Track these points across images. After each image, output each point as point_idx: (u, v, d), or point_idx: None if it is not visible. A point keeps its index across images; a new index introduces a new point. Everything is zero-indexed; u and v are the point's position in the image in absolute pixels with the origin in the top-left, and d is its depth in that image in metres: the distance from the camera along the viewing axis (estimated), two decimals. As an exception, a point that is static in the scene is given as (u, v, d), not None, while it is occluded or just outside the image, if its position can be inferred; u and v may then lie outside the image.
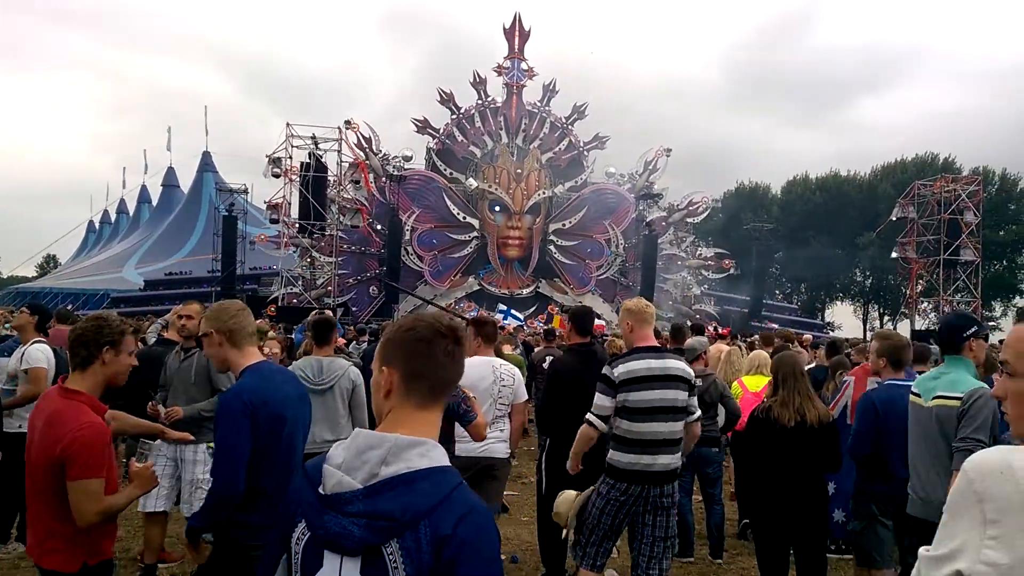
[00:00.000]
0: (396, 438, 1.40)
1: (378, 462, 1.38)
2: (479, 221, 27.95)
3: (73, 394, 2.78)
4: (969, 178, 31.43)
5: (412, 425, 1.47)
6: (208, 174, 47.09)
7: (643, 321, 4.20)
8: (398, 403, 1.51)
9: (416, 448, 1.40)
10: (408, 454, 1.39)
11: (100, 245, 61.03)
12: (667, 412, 4.04)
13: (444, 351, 1.54)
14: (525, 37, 28.82)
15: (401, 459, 1.38)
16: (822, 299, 54.22)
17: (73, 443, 2.63)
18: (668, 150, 29.69)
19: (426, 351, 1.53)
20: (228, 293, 26.20)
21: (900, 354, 4.47)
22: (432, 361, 1.53)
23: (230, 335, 2.94)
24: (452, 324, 1.59)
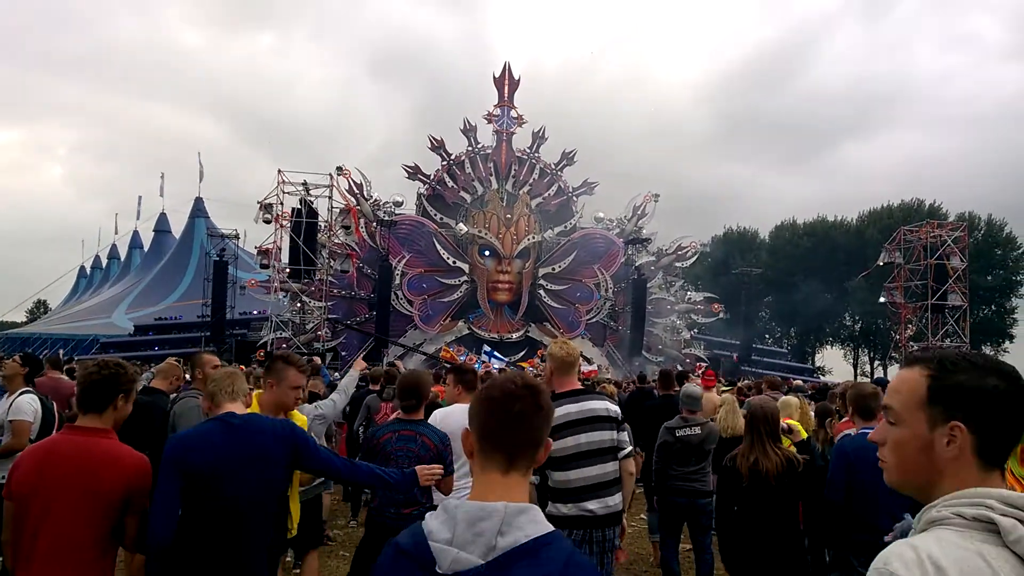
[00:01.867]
0: (505, 506, 1.36)
1: (493, 533, 1.33)
2: (469, 266, 28.08)
3: (107, 433, 2.87)
4: (954, 224, 31.86)
5: (505, 490, 1.43)
6: (200, 219, 47.30)
7: (565, 366, 4.14)
8: (482, 466, 1.48)
9: (526, 515, 1.36)
10: (520, 521, 1.35)
11: (91, 290, 60.84)
12: (594, 455, 3.98)
13: (517, 412, 1.48)
14: (514, 85, 29.36)
15: (516, 528, 1.34)
16: (812, 343, 54.33)
17: (141, 476, 2.78)
18: (656, 195, 30.04)
19: (499, 411, 1.49)
20: (217, 338, 26.12)
21: (866, 402, 4.47)
22: (507, 422, 1.48)
23: (211, 397, 3.19)
24: (528, 383, 1.54)
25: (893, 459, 1.33)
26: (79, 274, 65.19)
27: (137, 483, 2.77)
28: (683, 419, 6.06)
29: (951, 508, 1.19)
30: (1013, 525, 1.12)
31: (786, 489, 4.27)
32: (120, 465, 2.77)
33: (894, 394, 1.35)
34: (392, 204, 27.39)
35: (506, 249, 27.86)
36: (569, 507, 3.95)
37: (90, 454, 2.77)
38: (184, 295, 43.00)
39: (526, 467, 1.48)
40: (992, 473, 1.26)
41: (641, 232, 29.72)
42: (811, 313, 47.92)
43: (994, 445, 1.26)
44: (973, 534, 1.15)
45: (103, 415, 2.90)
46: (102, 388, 2.91)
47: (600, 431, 4.02)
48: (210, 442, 2.96)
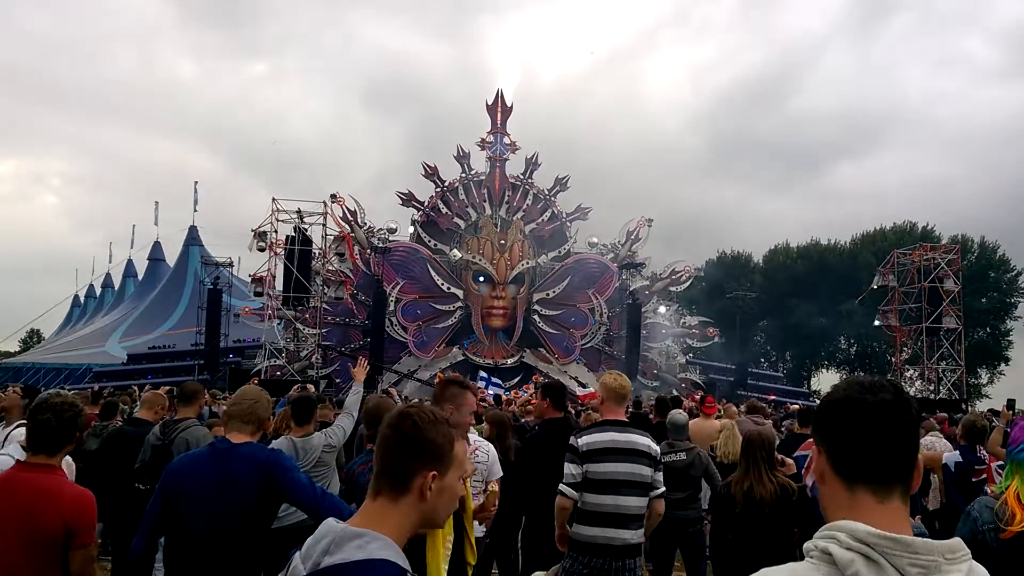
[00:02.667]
0: (343, 528, 1.44)
1: (322, 552, 1.42)
2: (463, 291, 28.08)
3: (52, 469, 2.84)
4: (947, 247, 31.98)
5: (367, 515, 1.51)
6: (194, 247, 47.33)
7: (616, 397, 4.28)
8: (368, 493, 1.55)
9: (358, 540, 1.42)
10: (348, 545, 1.41)
11: (84, 319, 60.62)
12: (630, 486, 4.04)
13: (380, 437, 1.58)
14: (507, 112, 29.60)
15: (342, 550, 1.40)
16: (808, 367, 54.27)
17: (79, 511, 2.75)
18: (650, 220, 30.18)
19: (377, 438, 1.61)
20: (212, 366, 26.01)
21: None
22: (377, 448, 1.59)
23: (227, 416, 3.32)
24: (403, 411, 1.60)
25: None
26: (73, 303, 64.98)
27: (75, 519, 2.73)
28: (669, 445, 6.00)
29: (814, 540, 1.18)
30: (851, 560, 1.11)
31: (780, 516, 4.24)
32: (56, 502, 2.74)
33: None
34: (386, 231, 27.45)
35: (500, 275, 27.89)
36: (595, 531, 3.99)
37: (28, 492, 2.76)
38: (178, 323, 42.87)
39: (391, 495, 1.52)
40: (856, 490, 1.21)
41: (635, 257, 29.81)
42: (806, 336, 47.95)
43: (844, 457, 1.23)
44: (822, 567, 1.14)
45: (60, 453, 2.91)
46: (60, 432, 2.89)
47: (639, 464, 4.09)
48: (191, 467, 3.06)
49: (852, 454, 1.22)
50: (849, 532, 1.14)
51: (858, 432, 1.22)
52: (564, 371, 27.43)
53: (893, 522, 1.17)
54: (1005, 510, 2.36)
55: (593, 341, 29.33)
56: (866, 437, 1.21)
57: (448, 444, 1.58)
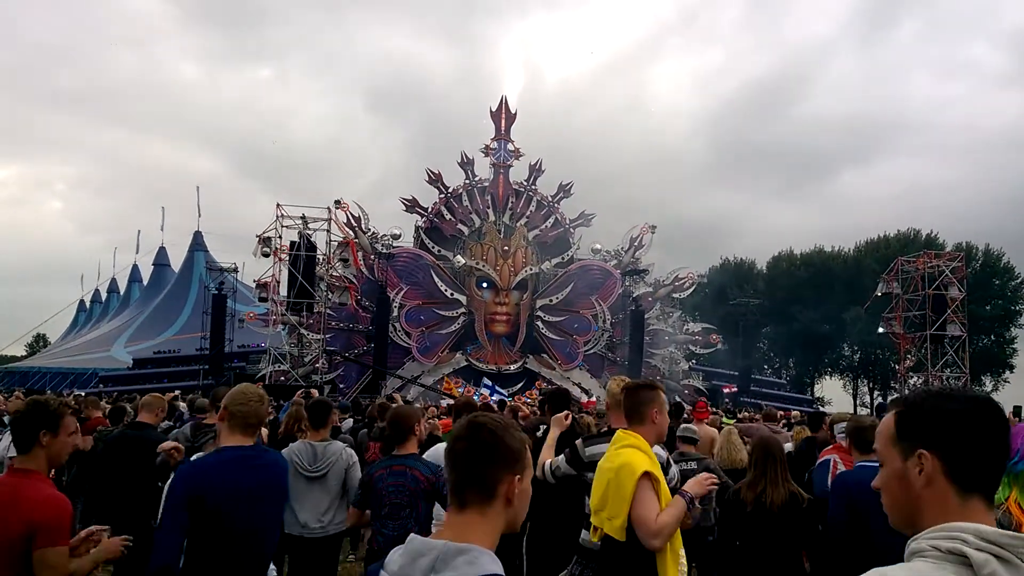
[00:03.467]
0: (445, 545, 1.41)
1: (427, 570, 1.38)
2: (467, 297, 28.15)
3: (25, 472, 2.84)
4: (952, 254, 31.95)
5: (459, 529, 1.48)
6: (199, 253, 47.49)
7: (621, 404, 4.20)
8: (451, 505, 1.54)
9: (464, 555, 1.39)
10: (457, 561, 1.38)
11: (90, 324, 60.81)
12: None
13: (458, 451, 1.55)
14: (511, 119, 29.70)
15: (451, 567, 1.38)
16: (811, 374, 54.14)
17: (40, 514, 2.69)
18: (653, 227, 30.25)
19: (448, 453, 1.56)
20: (216, 371, 26.09)
21: (864, 435, 4.35)
22: (451, 462, 1.55)
23: (230, 417, 3.16)
24: (473, 421, 1.59)
25: (885, 500, 1.40)
26: (79, 308, 65.28)
27: (40, 521, 2.71)
28: (680, 454, 6.02)
29: (929, 541, 1.23)
30: (986, 560, 1.15)
31: (789, 523, 4.19)
32: (25, 505, 2.73)
33: (877, 438, 1.45)
34: (390, 237, 27.55)
35: (503, 281, 27.95)
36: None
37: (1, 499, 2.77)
38: (183, 328, 42.99)
39: (480, 504, 1.51)
40: (971, 498, 1.28)
41: (638, 263, 29.85)
42: (810, 343, 47.84)
43: (965, 467, 1.28)
44: (947, 566, 1.18)
45: (30, 454, 2.89)
46: (21, 427, 2.91)
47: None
48: (227, 480, 3.02)
49: (974, 463, 1.29)
50: (976, 533, 1.18)
51: (984, 443, 1.29)
52: (567, 377, 27.48)
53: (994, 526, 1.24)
54: (1010, 519, 2.41)
55: (596, 347, 29.36)
56: (991, 448, 1.29)
57: (524, 447, 1.59)
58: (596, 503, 3.32)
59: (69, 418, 3.03)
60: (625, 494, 3.13)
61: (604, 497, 3.24)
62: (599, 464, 3.50)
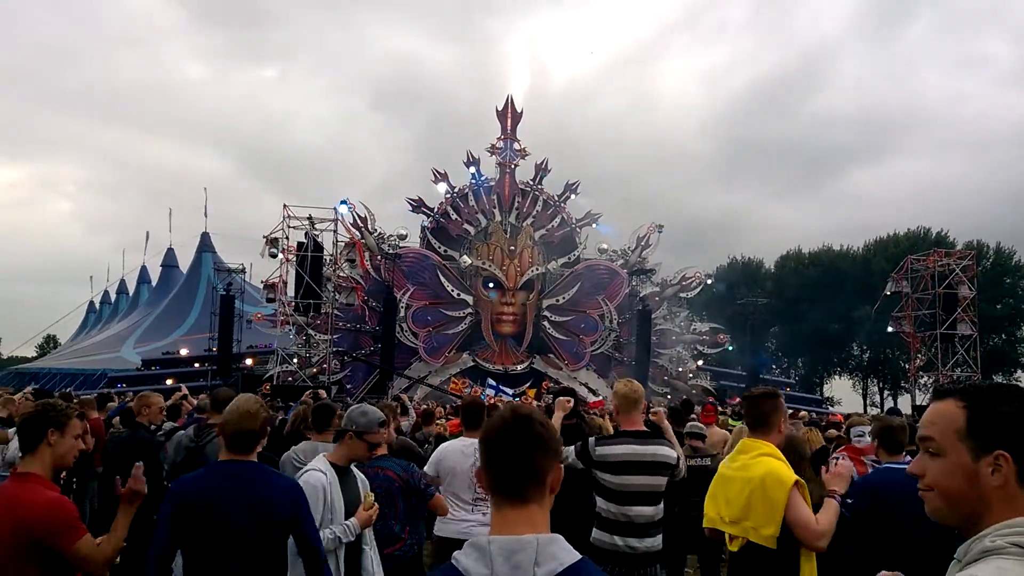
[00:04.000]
0: (536, 538, 1.41)
1: (531, 564, 1.38)
2: (473, 298, 28.13)
3: (24, 477, 2.84)
4: (962, 252, 31.74)
5: (529, 522, 1.46)
6: (207, 254, 47.64)
7: (631, 404, 4.25)
8: (497, 504, 1.52)
9: (556, 544, 1.41)
10: (553, 550, 1.40)
11: (99, 325, 61.13)
12: (643, 498, 4.06)
13: (509, 445, 1.52)
14: (517, 118, 29.68)
15: (550, 557, 1.39)
16: (820, 373, 53.92)
17: (46, 518, 2.70)
18: (660, 226, 30.11)
19: (496, 448, 1.54)
20: (224, 371, 26.15)
21: (895, 436, 4.18)
22: (506, 458, 1.53)
23: (222, 432, 3.17)
24: (518, 413, 1.58)
25: (937, 490, 1.38)
26: (88, 309, 65.60)
27: (49, 524, 2.72)
28: (693, 449, 6.02)
29: (1007, 538, 1.22)
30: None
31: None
32: (26, 512, 2.72)
33: (931, 426, 1.41)
34: (396, 237, 27.57)
35: (510, 281, 27.93)
36: (615, 539, 4.03)
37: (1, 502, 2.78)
38: (191, 329, 43.17)
39: (539, 497, 1.51)
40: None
41: (645, 263, 29.74)
42: (818, 343, 47.64)
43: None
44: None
45: (36, 455, 2.89)
46: (28, 427, 2.91)
47: (659, 476, 4.14)
48: (218, 492, 3.06)
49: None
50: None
51: None
52: (574, 377, 27.42)
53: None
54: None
55: (603, 347, 29.30)
56: None
57: (558, 435, 1.61)
58: (736, 513, 3.30)
59: (76, 420, 3.03)
60: (776, 503, 3.16)
61: (747, 507, 3.24)
62: (728, 473, 3.46)
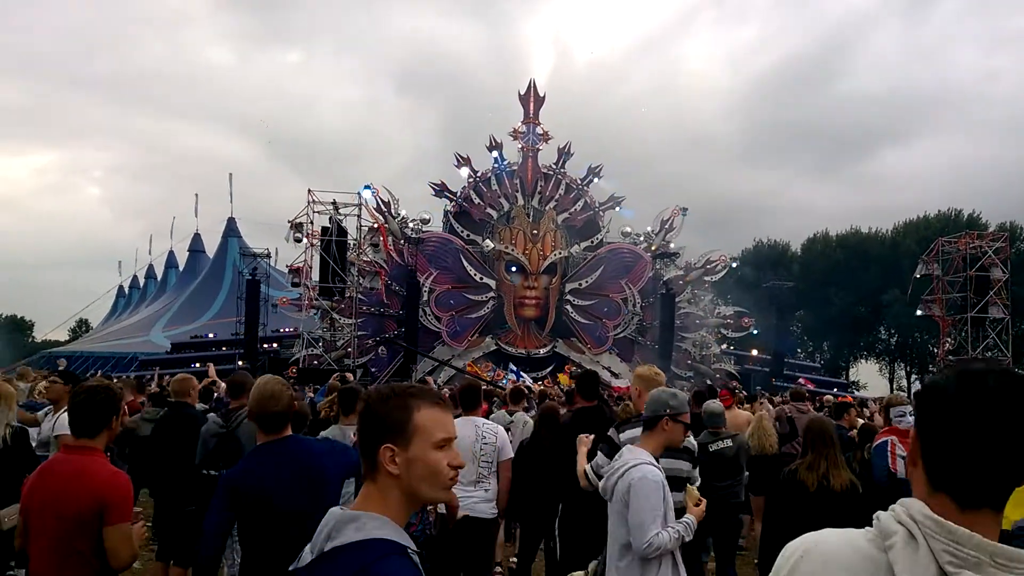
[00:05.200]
0: (341, 513, 1.49)
1: (325, 537, 1.47)
2: (496, 282, 28.14)
3: (92, 451, 2.95)
4: (995, 234, 31.11)
5: (361, 500, 1.54)
6: (233, 239, 48.16)
7: (652, 388, 4.14)
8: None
9: (354, 523, 1.46)
10: (346, 529, 1.45)
11: (129, 310, 62.20)
12: (672, 482, 3.93)
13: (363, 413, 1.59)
14: (540, 102, 29.50)
15: (341, 534, 1.45)
16: (846, 357, 53.32)
17: (111, 490, 2.83)
18: (684, 209, 29.86)
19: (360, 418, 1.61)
20: (251, 355, 26.52)
21: None
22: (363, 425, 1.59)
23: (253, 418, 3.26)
24: (380, 388, 1.64)
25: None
26: (117, 294, 66.78)
27: (108, 498, 2.83)
28: (713, 434, 6.01)
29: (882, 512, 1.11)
30: (894, 530, 1.05)
31: (848, 509, 4.12)
32: (89, 482, 2.84)
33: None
34: (419, 221, 27.64)
35: (533, 265, 27.90)
36: None
37: (64, 474, 2.89)
38: (219, 313, 43.77)
39: (370, 475, 1.54)
40: (938, 496, 1.08)
41: (669, 246, 29.53)
42: (845, 326, 47.07)
43: (937, 460, 1.09)
44: (870, 533, 1.10)
45: (99, 436, 3.00)
46: (102, 410, 2.99)
47: (681, 460, 4.10)
48: (267, 472, 3.14)
49: (948, 461, 1.10)
50: (909, 508, 1.08)
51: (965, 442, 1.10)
52: (597, 361, 27.40)
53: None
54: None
55: (626, 331, 29.20)
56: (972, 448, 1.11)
57: (407, 415, 1.53)
58: None
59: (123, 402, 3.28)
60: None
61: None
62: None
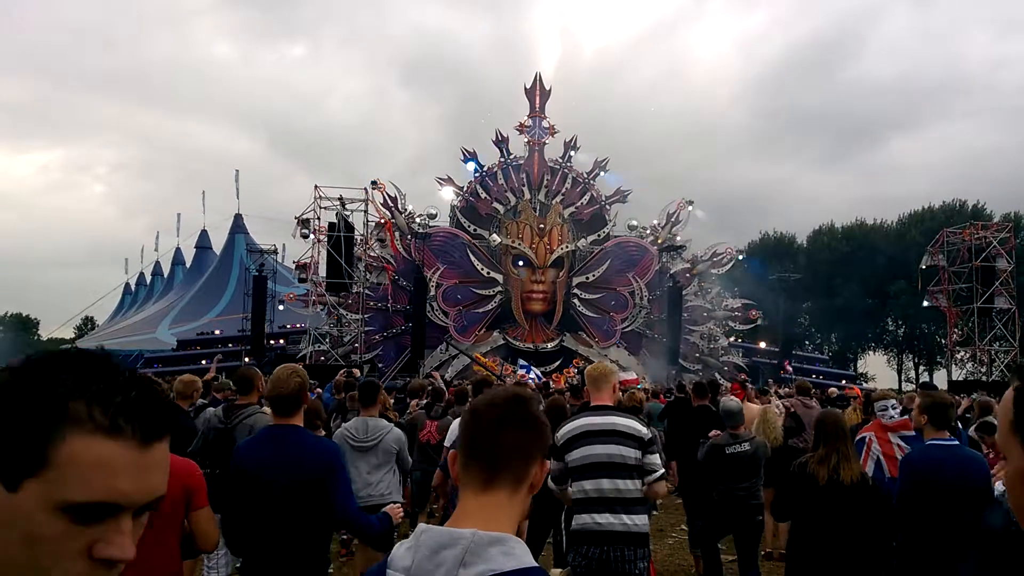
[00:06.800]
0: (474, 534, 1.22)
1: (456, 564, 1.19)
2: (503, 276, 28.15)
3: None
4: (999, 224, 31.06)
5: (482, 513, 1.30)
6: (239, 235, 48.23)
7: (596, 382, 4.33)
8: (462, 486, 1.36)
9: (499, 546, 1.22)
10: (490, 553, 1.21)
11: (135, 306, 62.33)
12: (611, 468, 3.99)
13: (497, 419, 1.36)
14: (546, 96, 29.44)
15: (483, 559, 1.20)
16: (854, 349, 53.26)
17: (193, 477, 2.96)
18: (690, 202, 29.81)
19: (480, 421, 1.38)
20: (257, 351, 26.57)
21: (946, 412, 4.30)
22: (487, 430, 1.36)
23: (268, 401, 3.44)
24: (514, 393, 1.44)
25: (1011, 499, 1.08)
26: (124, 291, 66.89)
27: (191, 483, 2.94)
28: (732, 435, 5.97)
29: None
30: None
31: (861, 500, 4.11)
32: (173, 470, 2.88)
33: (997, 420, 1.15)
34: (426, 216, 27.64)
35: (540, 259, 27.88)
36: (584, 518, 4.00)
37: None
38: (225, 310, 43.85)
39: (512, 485, 1.33)
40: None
41: (675, 239, 29.51)
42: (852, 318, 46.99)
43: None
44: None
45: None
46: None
47: (620, 446, 4.02)
48: (262, 453, 3.31)
49: None
50: None
51: None
52: (604, 355, 27.38)
53: None
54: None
55: (634, 325, 29.18)
56: None
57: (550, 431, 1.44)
58: None
59: None
60: None
61: None
62: None
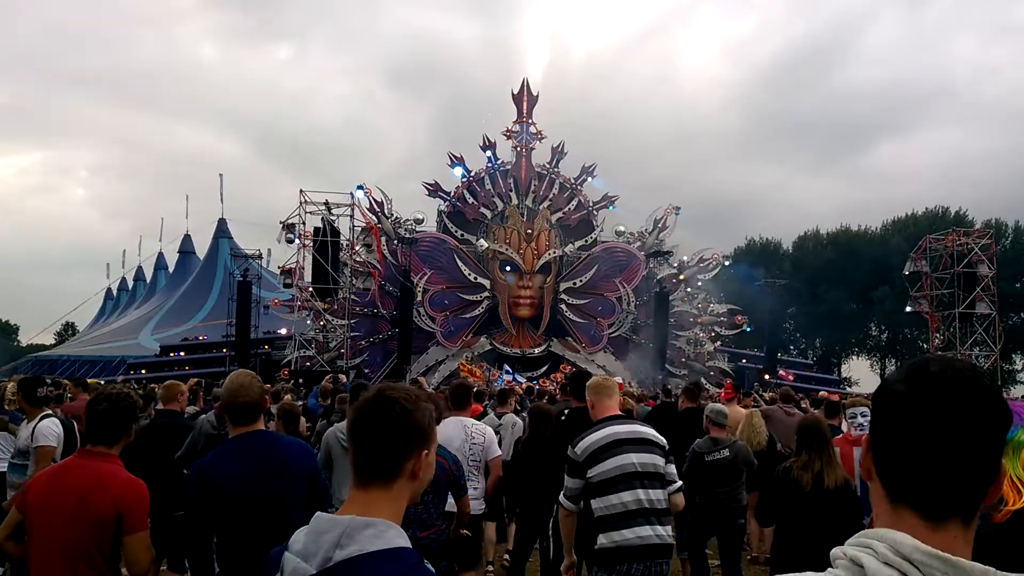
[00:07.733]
0: (350, 520, 1.38)
1: (332, 545, 1.36)
2: (490, 281, 28.12)
3: (111, 457, 2.95)
4: (981, 231, 31.41)
5: (362, 505, 1.45)
6: (224, 240, 47.81)
7: (603, 394, 4.12)
8: (353, 481, 1.51)
9: (371, 529, 1.37)
10: (363, 536, 1.36)
11: (117, 312, 61.67)
12: (644, 478, 3.76)
13: (363, 422, 1.51)
14: (533, 101, 29.48)
15: (356, 541, 1.35)
16: (838, 354, 53.65)
17: (130, 498, 2.83)
18: (677, 208, 29.96)
19: (352, 425, 1.53)
20: (242, 357, 26.36)
21: None
22: (356, 434, 1.51)
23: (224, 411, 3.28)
24: (383, 393, 1.55)
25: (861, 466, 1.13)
26: (105, 296, 66.19)
27: (126, 505, 2.81)
28: (712, 441, 5.98)
29: (845, 547, 0.99)
30: (878, 569, 0.92)
31: (842, 506, 4.12)
32: (108, 488, 2.82)
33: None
34: (413, 221, 27.56)
35: (527, 264, 27.88)
36: (627, 534, 3.67)
37: (83, 478, 2.86)
38: (209, 315, 43.46)
39: (384, 480, 1.48)
40: (900, 509, 0.98)
41: (663, 245, 29.62)
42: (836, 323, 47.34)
43: (890, 469, 0.99)
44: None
45: (118, 444, 3.01)
46: (124, 419, 3.00)
47: (651, 454, 3.84)
48: (238, 466, 3.15)
49: (901, 469, 1.01)
50: (892, 544, 0.94)
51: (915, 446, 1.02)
52: (591, 360, 27.40)
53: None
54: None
55: (621, 330, 29.23)
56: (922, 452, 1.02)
57: (432, 420, 1.57)
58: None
59: None
60: None
61: None
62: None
